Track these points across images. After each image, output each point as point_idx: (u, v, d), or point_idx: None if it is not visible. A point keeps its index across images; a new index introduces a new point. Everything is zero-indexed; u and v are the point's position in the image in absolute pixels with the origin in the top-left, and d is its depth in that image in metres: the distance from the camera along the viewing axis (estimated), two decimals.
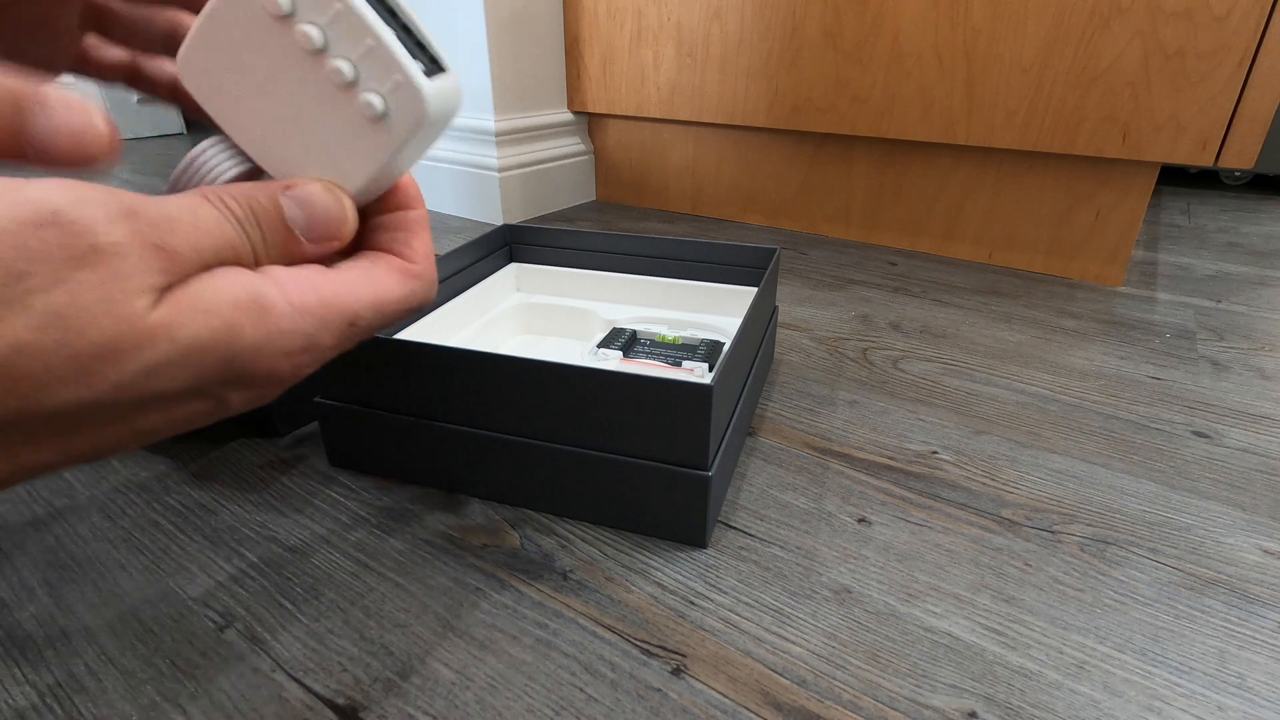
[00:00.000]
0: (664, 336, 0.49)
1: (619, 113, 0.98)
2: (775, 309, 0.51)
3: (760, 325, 0.43)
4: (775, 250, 0.49)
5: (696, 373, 0.43)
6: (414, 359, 0.34)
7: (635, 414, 0.32)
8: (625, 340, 0.47)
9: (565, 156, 1.02)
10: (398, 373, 0.35)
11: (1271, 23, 0.58)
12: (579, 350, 0.50)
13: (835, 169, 0.87)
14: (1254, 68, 0.59)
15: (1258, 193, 1.28)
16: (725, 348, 0.33)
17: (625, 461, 0.33)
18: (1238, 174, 1.32)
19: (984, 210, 0.79)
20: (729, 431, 0.35)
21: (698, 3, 0.86)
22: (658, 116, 0.96)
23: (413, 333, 0.45)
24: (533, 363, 0.32)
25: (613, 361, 0.45)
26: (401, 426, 0.37)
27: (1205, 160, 0.63)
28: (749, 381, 0.41)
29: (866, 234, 0.88)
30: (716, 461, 0.33)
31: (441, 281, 0.48)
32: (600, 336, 0.49)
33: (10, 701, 0.26)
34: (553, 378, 0.32)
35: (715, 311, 0.52)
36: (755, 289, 0.52)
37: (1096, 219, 0.72)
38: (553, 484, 0.35)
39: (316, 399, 0.38)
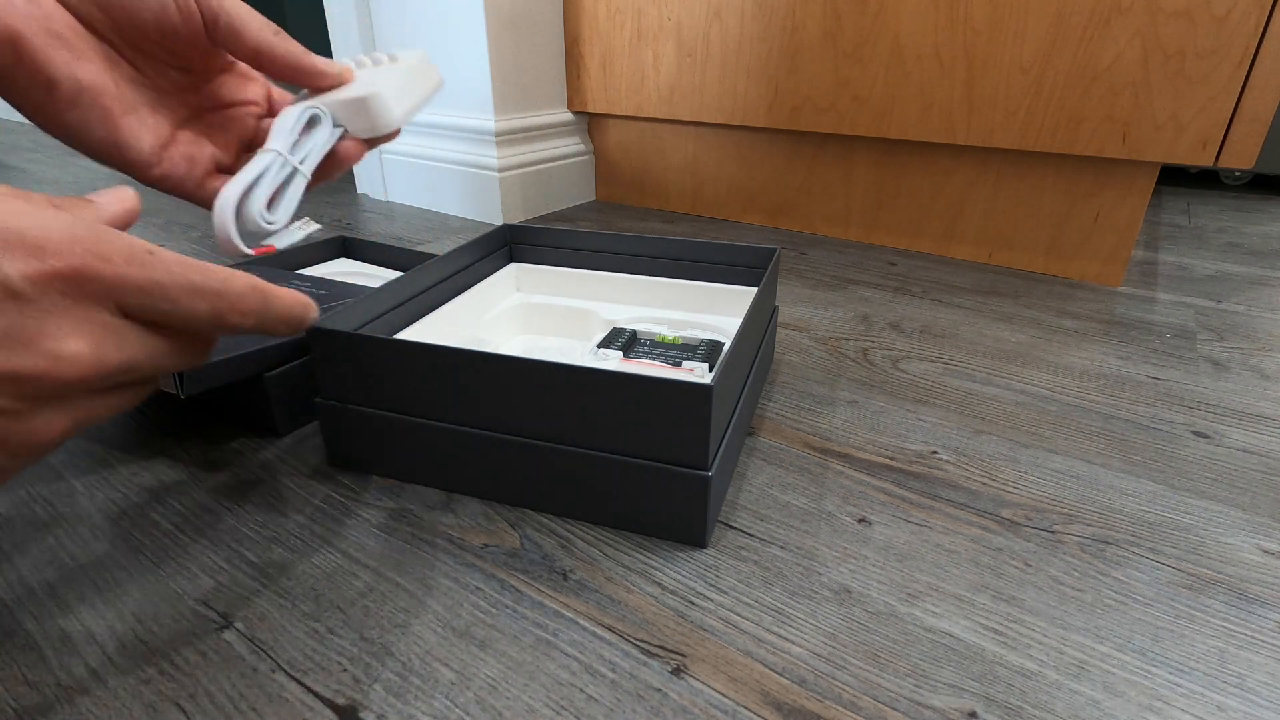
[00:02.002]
0: (664, 336, 0.49)
1: (619, 113, 0.98)
2: (775, 309, 0.51)
3: (760, 325, 0.43)
4: (775, 250, 0.49)
5: (696, 373, 0.43)
6: (412, 358, 0.34)
7: (635, 414, 0.32)
8: (625, 340, 0.47)
9: (565, 156, 1.02)
10: (396, 372, 0.35)
11: (1271, 23, 0.58)
12: (579, 350, 0.50)
13: (835, 169, 0.87)
14: (1254, 68, 0.60)
15: (1258, 193, 1.28)
16: (725, 348, 0.33)
17: (625, 461, 0.33)
18: (1238, 174, 1.32)
19: (984, 210, 0.79)
20: (729, 431, 0.35)
21: (698, 3, 0.86)
22: (658, 116, 0.96)
23: (413, 332, 0.45)
24: (532, 363, 0.32)
25: (612, 361, 0.45)
26: (400, 426, 0.37)
27: (1205, 160, 0.63)
28: (749, 381, 0.41)
29: (866, 234, 0.88)
30: (717, 461, 0.33)
31: (441, 281, 0.48)
32: (600, 336, 0.49)
33: (11, 702, 0.26)
34: (552, 378, 0.32)
35: (715, 311, 0.52)
36: (755, 289, 0.52)
37: (1096, 219, 0.72)
38: (552, 484, 0.35)
39: (315, 398, 0.38)
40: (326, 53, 1.03)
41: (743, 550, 0.34)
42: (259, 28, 0.31)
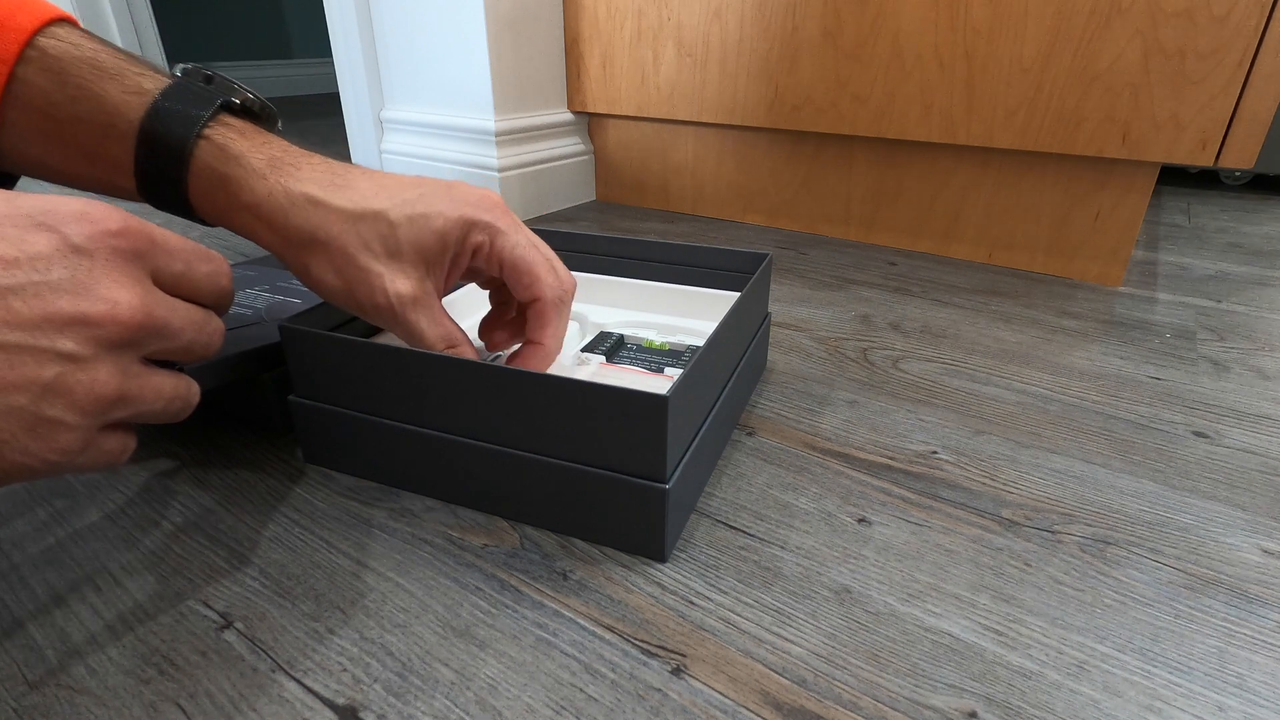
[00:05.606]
0: (651, 342, 0.48)
1: (619, 113, 0.98)
2: (768, 315, 0.50)
3: (743, 332, 0.43)
4: (767, 255, 0.48)
5: (676, 380, 0.43)
6: (373, 360, 0.34)
7: (594, 423, 0.31)
8: (611, 345, 0.47)
9: (565, 156, 1.02)
10: (358, 372, 0.35)
11: (1271, 23, 0.58)
12: (564, 353, 0.49)
13: (835, 169, 0.87)
14: (1254, 68, 0.60)
15: (1258, 193, 1.28)
16: (693, 357, 0.33)
17: (585, 471, 0.32)
18: (1238, 174, 1.32)
19: (984, 210, 0.79)
20: (695, 442, 0.34)
21: (698, 3, 0.86)
22: (658, 116, 0.96)
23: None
24: (491, 368, 0.32)
25: (593, 366, 0.44)
26: (365, 426, 0.36)
27: (1205, 160, 0.63)
28: (726, 389, 0.40)
29: (866, 234, 0.88)
30: (677, 474, 0.32)
31: None
32: (587, 340, 0.49)
33: (11, 702, 0.26)
34: (511, 384, 0.32)
35: (707, 317, 0.51)
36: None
37: (1096, 219, 0.72)
38: (515, 490, 0.35)
39: (290, 396, 0.38)
40: (326, 52, 1.03)
41: (743, 550, 0.34)
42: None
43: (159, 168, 0.31)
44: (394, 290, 0.32)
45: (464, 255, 0.34)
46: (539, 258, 0.35)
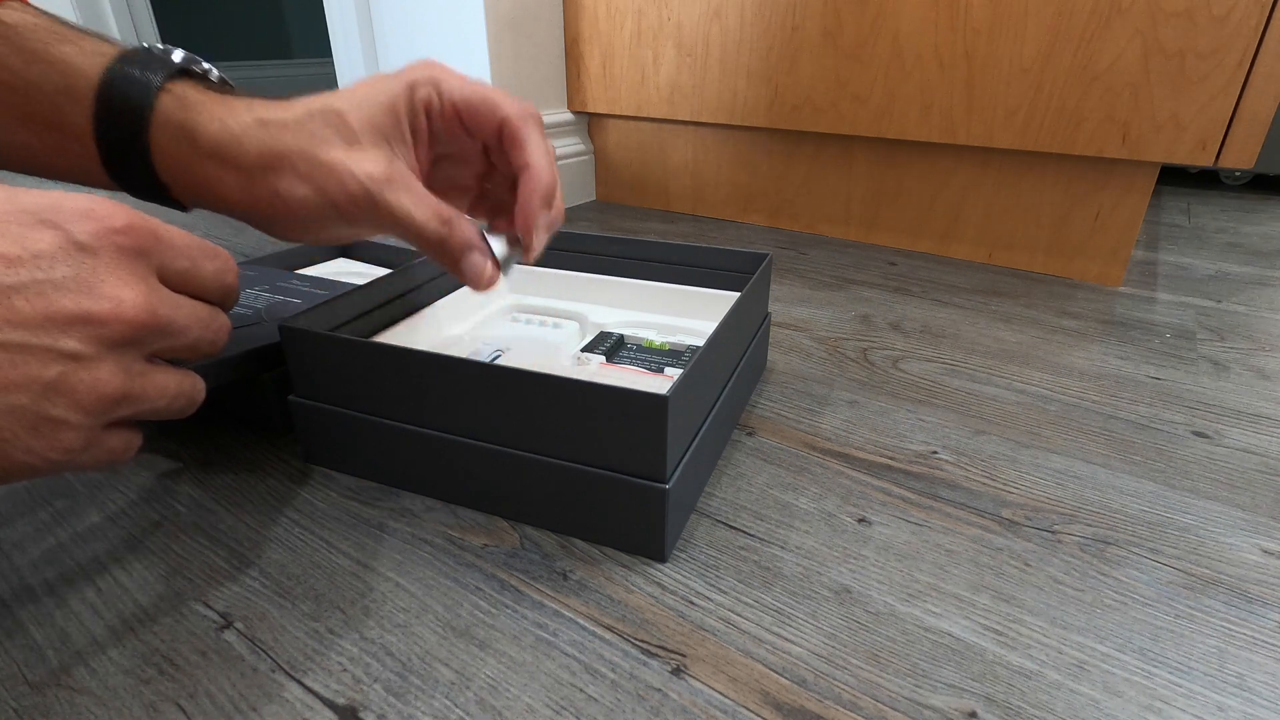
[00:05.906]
0: (651, 342, 0.48)
1: (619, 113, 0.98)
2: (768, 315, 0.50)
3: (743, 332, 0.43)
4: (767, 255, 0.48)
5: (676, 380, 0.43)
6: (374, 360, 0.34)
7: (593, 423, 0.31)
8: (610, 345, 0.47)
9: (565, 156, 1.02)
10: (359, 373, 0.35)
11: (1271, 23, 0.58)
12: (563, 353, 0.49)
13: (835, 169, 0.87)
14: (1254, 68, 0.60)
15: (1258, 193, 1.28)
16: (693, 358, 0.33)
17: (584, 471, 0.32)
18: (1238, 174, 1.32)
19: (984, 210, 0.79)
20: (695, 442, 0.34)
21: (698, 3, 0.86)
22: (658, 116, 0.96)
23: (398, 331, 0.45)
24: (491, 368, 0.32)
25: (593, 366, 0.44)
26: (365, 426, 0.36)
27: (1205, 160, 0.63)
28: (727, 389, 0.40)
29: (866, 234, 0.88)
30: (677, 474, 0.32)
31: (431, 280, 0.48)
32: (587, 340, 0.49)
33: (11, 702, 0.26)
34: (511, 384, 0.32)
35: (706, 317, 0.51)
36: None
37: (1096, 219, 0.72)
38: (515, 490, 0.35)
39: (290, 396, 0.38)
40: (326, 52, 1.03)
41: (743, 550, 0.34)
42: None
43: (121, 128, 0.30)
44: (363, 173, 0.30)
45: (419, 118, 0.32)
46: (490, 88, 0.33)
